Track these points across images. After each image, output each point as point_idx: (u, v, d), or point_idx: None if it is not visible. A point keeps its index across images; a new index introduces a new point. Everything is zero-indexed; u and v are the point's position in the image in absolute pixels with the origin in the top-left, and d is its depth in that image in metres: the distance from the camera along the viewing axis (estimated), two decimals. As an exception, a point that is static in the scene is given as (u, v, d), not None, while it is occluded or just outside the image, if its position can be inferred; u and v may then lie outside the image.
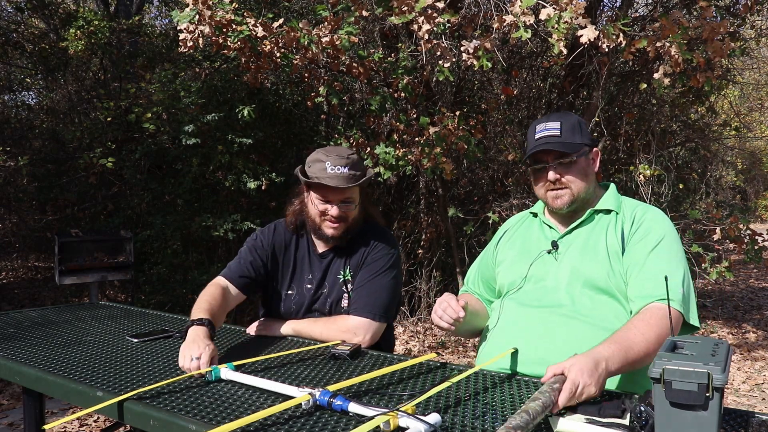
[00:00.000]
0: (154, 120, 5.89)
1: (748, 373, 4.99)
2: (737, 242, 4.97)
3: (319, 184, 1.89)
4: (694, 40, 3.95)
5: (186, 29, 3.97)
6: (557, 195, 1.74)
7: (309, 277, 2.06)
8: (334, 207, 1.92)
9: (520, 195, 5.80)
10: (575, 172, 1.73)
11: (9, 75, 8.07)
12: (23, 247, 7.58)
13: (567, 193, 1.74)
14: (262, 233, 2.11)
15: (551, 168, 1.73)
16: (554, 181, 1.73)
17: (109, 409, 1.39)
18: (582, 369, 1.30)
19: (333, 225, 1.95)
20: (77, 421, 3.86)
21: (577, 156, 1.73)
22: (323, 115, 6.18)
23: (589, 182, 1.76)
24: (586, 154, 1.75)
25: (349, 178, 1.90)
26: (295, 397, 1.33)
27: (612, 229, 1.71)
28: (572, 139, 1.73)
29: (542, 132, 1.75)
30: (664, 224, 1.69)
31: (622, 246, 1.67)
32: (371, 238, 2.04)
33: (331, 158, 1.90)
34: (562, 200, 1.74)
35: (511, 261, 1.84)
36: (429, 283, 6.27)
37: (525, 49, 5.97)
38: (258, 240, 2.09)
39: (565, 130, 1.73)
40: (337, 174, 1.88)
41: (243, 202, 6.17)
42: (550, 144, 1.72)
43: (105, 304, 2.69)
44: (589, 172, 1.77)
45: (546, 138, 1.73)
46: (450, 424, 1.23)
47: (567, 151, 1.71)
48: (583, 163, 1.75)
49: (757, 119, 12.61)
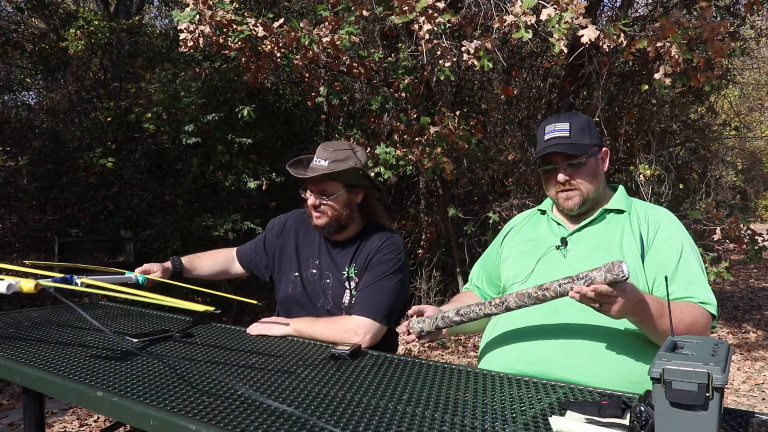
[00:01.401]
0: (154, 120, 5.89)
1: (748, 373, 4.99)
2: (737, 242, 4.97)
3: (298, 177, 2.04)
4: (694, 40, 3.95)
5: (186, 29, 3.97)
6: (568, 196, 1.75)
7: (316, 263, 2.12)
8: (311, 196, 2.03)
9: (521, 195, 5.80)
10: (585, 174, 1.73)
11: (9, 75, 8.07)
12: (23, 247, 7.57)
13: (577, 194, 1.74)
14: (280, 217, 2.29)
15: (561, 170, 1.73)
16: (564, 183, 1.73)
17: (108, 409, 1.39)
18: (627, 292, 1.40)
19: (315, 215, 2.05)
20: (77, 421, 3.86)
21: (587, 157, 1.73)
22: (323, 115, 6.19)
23: (598, 182, 1.77)
24: (595, 155, 1.75)
25: (319, 170, 1.99)
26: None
27: (628, 231, 1.71)
28: (581, 139, 1.73)
29: (552, 133, 1.75)
30: (680, 226, 1.74)
31: (642, 249, 1.67)
32: (379, 240, 2.06)
33: (319, 151, 2.02)
34: (572, 201, 1.75)
35: (518, 256, 1.84)
36: (429, 283, 6.27)
37: (525, 49, 5.98)
38: (273, 224, 2.28)
39: (574, 131, 1.73)
40: (315, 166, 2.01)
41: (243, 202, 6.17)
42: (559, 146, 1.72)
43: (105, 304, 2.69)
44: (599, 173, 1.77)
45: (555, 139, 1.73)
46: (450, 424, 1.24)
47: (576, 153, 1.71)
48: (592, 164, 1.75)
49: (757, 119, 12.62)
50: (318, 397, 1.39)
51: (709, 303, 1.61)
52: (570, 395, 1.42)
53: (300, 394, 1.40)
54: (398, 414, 1.29)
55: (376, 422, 1.24)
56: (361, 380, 1.52)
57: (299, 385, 1.48)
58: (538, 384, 1.50)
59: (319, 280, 2.10)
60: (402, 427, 1.22)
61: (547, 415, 1.27)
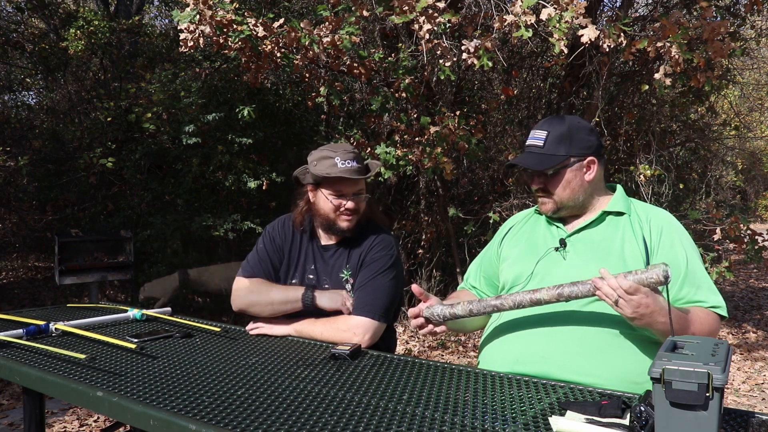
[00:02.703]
0: (155, 120, 5.89)
1: (748, 373, 4.99)
2: (737, 242, 4.97)
3: (336, 178, 1.96)
4: (695, 40, 3.95)
5: (186, 29, 3.97)
6: (542, 201, 1.80)
7: (312, 268, 2.11)
8: (349, 200, 2.00)
9: (521, 195, 5.80)
10: (555, 184, 1.75)
11: (9, 75, 8.08)
12: (23, 247, 7.58)
13: (550, 201, 1.77)
14: (272, 229, 2.19)
15: (532, 179, 1.78)
16: (537, 190, 1.78)
17: (108, 409, 1.39)
18: (649, 295, 1.43)
19: (348, 218, 2.01)
20: (77, 421, 3.86)
21: (554, 169, 1.72)
22: (323, 115, 6.19)
23: (578, 191, 1.75)
24: (569, 166, 1.73)
25: (361, 171, 2.00)
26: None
27: (630, 234, 1.71)
28: (556, 150, 1.72)
29: (530, 140, 1.78)
30: (682, 228, 1.75)
31: (647, 253, 1.67)
32: (371, 238, 2.06)
33: (339, 153, 1.97)
34: (545, 207, 1.79)
35: (517, 257, 1.83)
36: (429, 283, 6.27)
37: (525, 49, 5.98)
38: (265, 243, 2.16)
39: (549, 141, 1.73)
40: (349, 167, 1.96)
41: (243, 202, 6.17)
42: (528, 155, 1.76)
43: (105, 305, 2.69)
44: (578, 183, 1.74)
45: (528, 147, 1.78)
46: (450, 424, 1.24)
47: (537, 167, 1.74)
48: (567, 175, 1.74)
49: (757, 119, 12.61)
50: (318, 397, 1.39)
51: (720, 306, 1.64)
52: (570, 395, 1.42)
53: (300, 394, 1.41)
54: (398, 414, 1.29)
55: (376, 422, 1.24)
56: (361, 380, 1.52)
57: (299, 385, 1.48)
58: (538, 384, 1.50)
59: (317, 285, 2.08)
60: (402, 427, 1.22)
61: (547, 415, 1.27)
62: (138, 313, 2.21)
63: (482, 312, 1.64)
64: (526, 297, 1.56)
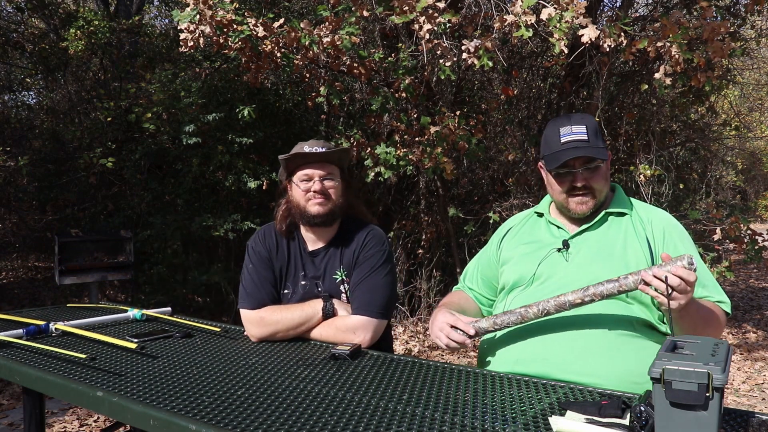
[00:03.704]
0: (155, 120, 5.89)
1: (748, 373, 4.99)
2: (737, 242, 4.97)
3: (302, 161, 1.98)
4: (695, 40, 3.95)
5: (186, 29, 3.97)
6: (582, 201, 1.72)
7: (302, 274, 2.06)
8: (316, 182, 1.98)
9: (521, 195, 5.80)
10: (599, 178, 1.72)
11: (9, 75, 8.08)
12: (23, 247, 7.58)
13: (591, 199, 1.72)
14: (255, 244, 2.09)
15: (579, 173, 1.70)
16: (581, 187, 1.71)
17: (108, 409, 1.39)
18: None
19: (317, 200, 1.97)
20: (77, 421, 3.86)
21: (604, 161, 1.72)
22: (323, 115, 6.19)
23: (608, 186, 1.78)
24: (606, 159, 1.74)
25: (327, 150, 2.00)
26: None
27: (632, 235, 1.71)
28: (597, 143, 1.71)
29: (569, 135, 1.71)
30: (683, 229, 1.77)
31: (651, 254, 1.67)
32: (361, 235, 2.04)
33: (309, 142, 2.02)
34: (587, 206, 1.73)
35: (518, 259, 1.82)
36: (429, 283, 6.27)
37: (525, 49, 5.98)
38: (255, 254, 2.08)
39: (591, 134, 1.72)
40: (314, 151, 1.98)
41: (243, 202, 6.17)
42: (580, 149, 1.69)
43: (105, 305, 2.69)
44: (608, 176, 1.78)
45: (575, 142, 1.70)
46: (450, 424, 1.24)
47: (598, 157, 1.69)
48: (605, 168, 1.74)
49: (757, 119, 12.61)
50: (318, 397, 1.39)
51: (725, 302, 1.67)
52: (570, 395, 1.42)
53: (300, 394, 1.41)
54: (398, 414, 1.29)
55: (376, 422, 1.24)
56: (361, 380, 1.52)
57: (299, 385, 1.48)
58: (538, 384, 1.50)
59: (311, 290, 2.04)
60: (402, 427, 1.22)
61: (547, 415, 1.27)
62: (138, 313, 2.22)
63: (506, 325, 1.65)
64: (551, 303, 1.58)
